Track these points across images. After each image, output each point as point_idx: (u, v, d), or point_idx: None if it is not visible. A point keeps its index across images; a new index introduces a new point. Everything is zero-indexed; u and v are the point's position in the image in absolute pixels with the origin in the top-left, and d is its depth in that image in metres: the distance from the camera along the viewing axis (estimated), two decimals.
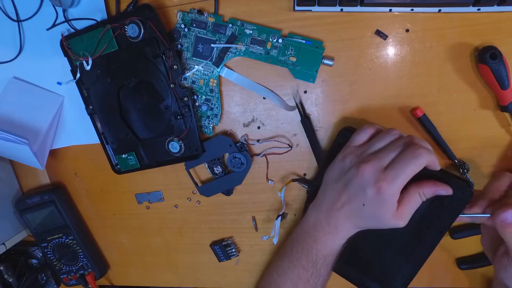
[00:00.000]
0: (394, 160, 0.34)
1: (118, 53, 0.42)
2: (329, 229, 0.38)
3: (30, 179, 0.54)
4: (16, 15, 0.44)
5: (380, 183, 0.33)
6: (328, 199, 0.38)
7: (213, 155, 0.46)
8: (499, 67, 0.37)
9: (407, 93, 0.41)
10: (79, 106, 0.46)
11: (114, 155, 0.47)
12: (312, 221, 0.40)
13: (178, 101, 0.42)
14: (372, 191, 0.34)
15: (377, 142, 0.36)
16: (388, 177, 0.33)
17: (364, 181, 0.34)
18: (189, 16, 0.42)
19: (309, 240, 0.39)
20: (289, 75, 0.42)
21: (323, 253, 0.39)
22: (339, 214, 0.37)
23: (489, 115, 0.41)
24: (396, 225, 0.35)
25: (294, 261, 0.40)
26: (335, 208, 0.37)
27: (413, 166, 0.33)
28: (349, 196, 0.36)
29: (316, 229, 0.39)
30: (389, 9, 0.39)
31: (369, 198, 0.34)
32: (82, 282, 0.55)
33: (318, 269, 0.39)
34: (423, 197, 0.35)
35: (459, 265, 0.48)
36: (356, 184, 0.35)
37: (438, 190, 0.35)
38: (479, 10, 0.37)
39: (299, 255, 0.40)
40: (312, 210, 0.40)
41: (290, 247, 0.41)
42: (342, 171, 0.37)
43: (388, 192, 0.33)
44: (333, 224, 0.38)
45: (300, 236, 0.41)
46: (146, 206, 0.52)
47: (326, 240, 0.38)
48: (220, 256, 0.52)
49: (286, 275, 0.41)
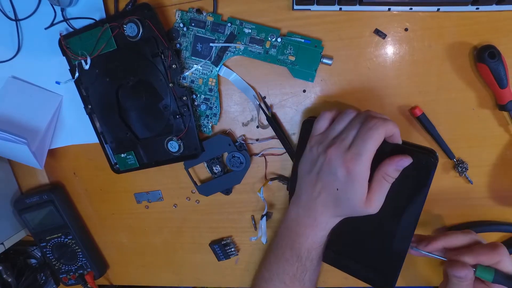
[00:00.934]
0: (355, 138, 0.34)
1: (116, 52, 0.42)
2: (309, 222, 0.38)
3: (28, 179, 0.54)
4: (14, 14, 0.44)
5: (347, 163, 0.34)
6: (304, 191, 0.39)
7: (212, 155, 0.46)
8: (498, 66, 0.37)
9: (406, 92, 0.42)
10: (77, 106, 0.46)
11: (113, 155, 0.47)
12: (292, 215, 0.40)
13: (177, 100, 0.42)
14: (342, 172, 0.34)
15: (337, 125, 0.37)
16: (353, 156, 0.33)
17: (332, 165, 0.35)
18: (188, 15, 0.41)
19: (292, 234, 0.40)
20: (288, 74, 0.42)
21: (306, 246, 0.39)
22: (317, 205, 0.37)
23: (487, 114, 0.41)
24: (367, 212, 0.35)
25: (279, 256, 0.41)
26: (312, 199, 0.38)
27: (370, 138, 0.33)
28: (322, 184, 0.36)
29: (297, 223, 0.39)
30: (388, 8, 0.39)
31: (340, 180, 0.35)
32: (81, 282, 0.55)
33: (303, 263, 0.40)
34: (388, 178, 0.35)
35: None
36: (327, 170, 0.35)
37: (398, 164, 0.34)
38: (477, 9, 0.37)
39: (283, 250, 0.40)
40: (292, 205, 0.41)
41: (276, 243, 0.42)
42: (312, 161, 0.37)
43: (357, 170, 0.33)
44: (313, 216, 0.38)
45: (284, 231, 0.41)
46: (145, 205, 0.52)
47: (308, 233, 0.39)
48: (220, 255, 0.52)
49: (273, 270, 0.41)
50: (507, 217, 0.45)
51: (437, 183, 0.40)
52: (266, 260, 0.44)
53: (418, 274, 0.50)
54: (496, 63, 0.37)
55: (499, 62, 0.37)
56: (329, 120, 0.38)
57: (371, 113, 0.36)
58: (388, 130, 0.34)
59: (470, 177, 0.43)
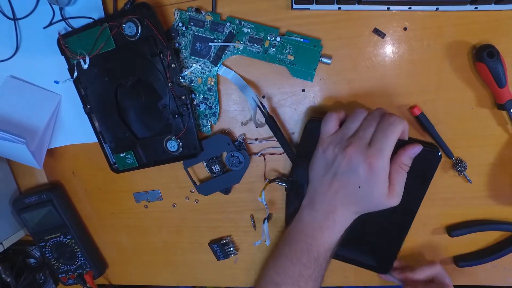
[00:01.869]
0: (374, 134, 0.35)
1: (115, 51, 0.42)
2: (327, 223, 0.38)
3: (27, 179, 0.54)
4: (13, 14, 0.44)
5: (369, 159, 0.34)
6: (320, 194, 0.38)
7: (211, 154, 0.46)
8: (497, 65, 0.37)
9: (405, 91, 0.42)
10: (76, 105, 0.46)
11: (112, 154, 0.47)
12: (307, 219, 0.40)
13: (176, 99, 0.42)
14: (364, 169, 0.34)
15: (351, 123, 0.37)
16: (375, 151, 0.34)
17: (354, 163, 0.35)
18: (186, 15, 0.41)
19: (307, 239, 0.39)
20: (287, 73, 0.42)
21: (324, 248, 0.39)
22: (335, 206, 0.37)
23: (486, 113, 0.41)
24: (390, 204, 0.36)
25: (294, 260, 0.40)
26: (329, 200, 0.37)
27: (393, 133, 0.34)
28: (340, 183, 0.36)
29: (313, 227, 0.39)
30: (387, 8, 0.39)
31: (362, 177, 0.35)
32: (81, 282, 0.55)
33: (320, 264, 0.39)
34: (404, 167, 0.36)
35: (457, 262, 0.48)
36: (346, 169, 0.36)
37: (411, 152, 0.36)
38: (476, 8, 0.37)
39: (299, 254, 0.39)
40: (305, 209, 0.40)
41: (288, 247, 0.41)
42: (327, 163, 0.37)
43: (379, 165, 0.34)
44: (331, 217, 0.38)
45: (297, 236, 0.40)
46: (145, 205, 0.52)
47: (326, 235, 0.38)
48: (219, 254, 0.52)
49: (286, 273, 0.40)
50: (505, 216, 0.45)
51: (436, 182, 0.40)
52: (276, 262, 0.42)
53: None
54: (495, 63, 0.37)
55: (497, 62, 0.37)
56: (337, 120, 0.38)
57: (384, 110, 0.37)
58: (404, 127, 0.35)
59: (469, 176, 0.43)
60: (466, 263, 0.47)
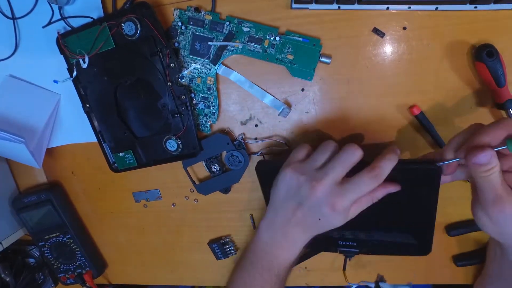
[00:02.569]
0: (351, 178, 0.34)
1: (115, 51, 0.41)
2: (287, 244, 0.39)
3: (26, 178, 0.54)
4: (11, 13, 0.44)
5: (333, 201, 0.34)
6: (281, 217, 0.39)
7: (211, 153, 0.46)
8: (496, 65, 0.37)
9: (404, 90, 0.42)
10: (76, 105, 0.46)
11: (111, 154, 0.47)
12: (266, 239, 0.40)
13: (176, 99, 0.42)
14: (327, 209, 0.35)
15: (319, 154, 0.36)
16: (341, 196, 0.34)
17: (318, 201, 0.35)
18: (186, 14, 0.41)
19: (268, 257, 0.40)
20: (287, 73, 0.42)
21: (285, 265, 0.40)
22: (296, 230, 0.38)
23: (485, 113, 0.41)
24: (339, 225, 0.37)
25: (256, 276, 0.40)
26: (291, 225, 0.38)
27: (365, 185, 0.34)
28: (304, 213, 0.37)
29: (273, 246, 0.40)
30: (386, 7, 0.39)
31: (324, 214, 0.35)
32: (80, 281, 0.55)
33: (281, 279, 0.40)
34: (374, 199, 0.36)
35: (455, 262, 0.48)
36: (311, 202, 0.36)
37: (388, 191, 0.36)
38: (475, 8, 0.38)
39: (261, 271, 0.40)
40: (265, 229, 0.40)
41: (250, 263, 0.41)
42: (290, 189, 0.37)
43: (342, 207, 0.35)
44: (291, 239, 0.39)
45: (258, 254, 0.41)
46: (144, 204, 0.52)
47: (286, 254, 0.40)
48: (218, 254, 0.52)
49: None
50: None
51: None
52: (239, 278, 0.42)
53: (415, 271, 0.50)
54: (494, 62, 0.37)
55: (497, 61, 0.37)
56: (309, 151, 0.39)
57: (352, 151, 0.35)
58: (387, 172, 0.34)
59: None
60: (464, 262, 0.48)
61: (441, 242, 0.48)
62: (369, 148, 0.44)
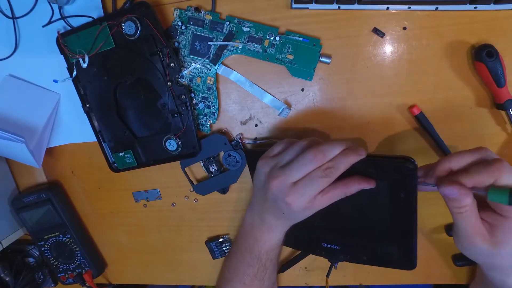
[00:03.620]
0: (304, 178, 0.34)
1: (115, 50, 0.41)
2: (265, 228, 0.40)
3: (26, 178, 0.54)
4: (11, 12, 0.44)
5: (288, 199, 0.35)
6: (257, 203, 0.40)
7: (209, 154, 0.46)
8: (495, 65, 0.37)
9: (404, 90, 0.42)
10: (75, 104, 0.46)
11: (111, 154, 0.47)
12: (249, 221, 0.42)
13: (175, 99, 0.42)
14: (283, 205, 0.35)
15: (286, 154, 0.36)
16: (296, 195, 0.34)
17: (274, 196, 0.36)
18: (186, 14, 0.41)
19: (250, 239, 0.42)
20: (287, 73, 0.42)
21: (265, 249, 0.41)
22: (269, 216, 0.39)
23: (485, 113, 0.41)
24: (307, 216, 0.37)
25: (240, 259, 0.43)
26: (264, 210, 0.39)
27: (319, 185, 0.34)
28: (270, 204, 0.38)
29: (254, 228, 0.41)
30: (386, 7, 0.39)
31: (284, 209, 0.36)
32: (80, 281, 0.55)
33: (263, 263, 0.42)
34: (348, 193, 0.35)
35: (455, 261, 0.48)
36: (271, 196, 0.36)
37: (361, 187, 0.35)
38: (475, 8, 0.38)
39: (244, 253, 0.42)
40: (248, 211, 0.43)
41: (236, 246, 0.44)
42: (260, 181, 0.38)
43: (298, 206, 0.35)
44: (267, 223, 0.40)
45: (243, 235, 0.43)
46: (144, 204, 0.52)
47: (265, 237, 0.41)
48: (216, 253, 0.52)
49: (235, 272, 0.44)
50: None
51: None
52: (228, 261, 0.45)
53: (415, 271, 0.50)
54: (494, 62, 0.37)
55: (496, 61, 0.37)
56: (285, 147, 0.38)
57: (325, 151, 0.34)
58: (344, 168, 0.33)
59: None
60: (464, 262, 0.48)
61: (441, 242, 0.48)
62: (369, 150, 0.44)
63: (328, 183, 0.34)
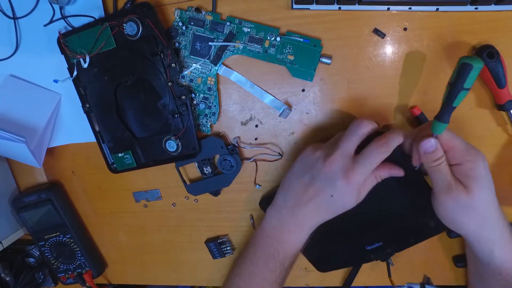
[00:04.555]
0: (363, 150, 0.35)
1: (115, 51, 0.42)
2: (294, 227, 0.39)
3: (27, 178, 0.54)
4: (12, 12, 0.44)
5: (349, 173, 0.35)
6: (292, 197, 0.38)
7: (204, 156, 0.46)
8: (496, 66, 0.37)
9: (405, 91, 0.42)
10: (76, 105, 0.46)
11: (110, 154, 0.47)
12: (274, 222, 0.40)
13: (176, 99, 0.42)
14: (341, 182, 0.35)
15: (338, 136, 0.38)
16: (357, 167, 0.35)
17: (333, 173, 0.35)
18: (187, 14, 0.41)
19: (274, 243, 0.39)
20: (287, 73, 0.42)
21: (290, 252, 0.39)
22: (306, 210, 0.38)
23: (486, 114, 0.41)
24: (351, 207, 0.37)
25: (260, 265, 0.40)
26: (301, 203, 0.38)
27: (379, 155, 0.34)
28: (315, 190, 0.37)
29: (281, 230, 0.39)
30: (387, 8, 0.39)
31: (338, 188, 0.35)
32: (80, 281, 0.55)
33: (286, 267, 0.40)
34: (378, 178, 0.37)
35: (455, 263, 0.48)
36: (325, 176, 0.36)
37: (392, 173, 0.37)
38: (476, 9, 0.38)
39: (265, 259, 0.40)
40: (273, 212, 0.40)
41: (253, 252, 0.41)
42: (306, 165, 0.38)
43: (357, 181, 0.35)
44: (299, 222, 0.38)
45: (262, 240, 0.40)
46: (144, 204, 0.52)
47: (293, 239, 0.39)
48: (215, 253, 0.52)
49: (250, 279, 0.40)
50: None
51: None
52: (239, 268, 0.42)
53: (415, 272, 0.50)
54: (495, 63, 0.37)
55: (497, 62, 0.37)
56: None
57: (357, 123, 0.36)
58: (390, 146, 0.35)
59: None
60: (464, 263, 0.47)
61: (441, 243, 0.47)
62: None
63: (385, 156, 0.34)
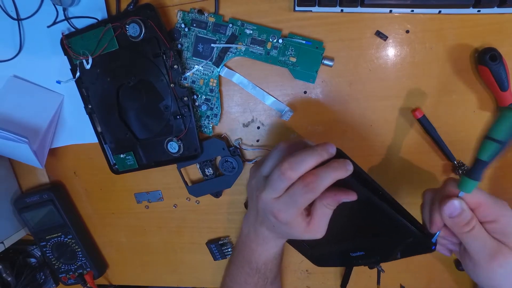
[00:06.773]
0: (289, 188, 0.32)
1: (118, 52, 0.42)
2: (259, 241, 0.39)
3: (29, 178, 0.54)
4: (16, 14, 0.44)
5: (275, 213, 0.33)
6: (252, 214, 0.39)
7: (206, 157, 0.46)
8: (499, 68, 0.37)
9: (407, 94, 0.42)
10: (79, 105, 0.46)
11: (112, 155, 0.47)
12: (245, 232, 0.41)
13: (178, 100, 0.42)
14: (273, 218, 0.34)
15: (268, 160, 0.34)
16: (282, 207, 0.32)
17: (263, 210, 0.35)
18: (189, 16, 0.41)
19: (247, 250, 0.41)
20: (289, 75, 0.42)
21: (262, 260, 0.40)
22: (262, 228, 0.38)
23: (488, 117, 0.41)
24: (313, 237, 0.34)
25: (240, 268, 0.42)
26: (258, 222, 0.38)
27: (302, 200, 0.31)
28: (262, 218, 0.37)
29: (250, 240, 0.40)
30: (389, 10, 0.39)
31: (273, 223, 0.35)
32: (81, 281, 0.55)
33: (263, 274, 0.41)
34: (330, 207, 0.33)
35: (457, 266, 0.48)
36: (259, 209, 0.35)
37: (341, 199, 0.32)
38: (479, 11, 0.37)
39: (242, 263, 0.41)
40: (244, 222, 0.41)
41: (236, 255, 0.43)
42: (250, 191, 0.38)
43: (286, 218, 0.33)
44: (261, 236, 0.39)
45: (241, 245, 0.42)
46: (145, 205, 0.52)
47: (260, 250, 0.40)
48: (216, 254, 0.52)
49: (235, 280, 0.43)
50: None
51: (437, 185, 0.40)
52: (229, 269, 0.44)
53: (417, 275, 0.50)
54: (497, 66, 0.37)
55: (500, 65, 0.37)
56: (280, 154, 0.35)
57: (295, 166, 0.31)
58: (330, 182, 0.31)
59: None
60: None
61: None
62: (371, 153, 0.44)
63: (312, 199, 0.32)
